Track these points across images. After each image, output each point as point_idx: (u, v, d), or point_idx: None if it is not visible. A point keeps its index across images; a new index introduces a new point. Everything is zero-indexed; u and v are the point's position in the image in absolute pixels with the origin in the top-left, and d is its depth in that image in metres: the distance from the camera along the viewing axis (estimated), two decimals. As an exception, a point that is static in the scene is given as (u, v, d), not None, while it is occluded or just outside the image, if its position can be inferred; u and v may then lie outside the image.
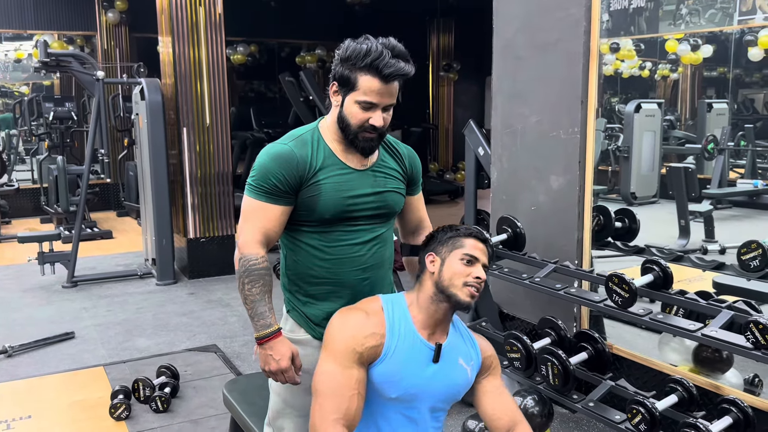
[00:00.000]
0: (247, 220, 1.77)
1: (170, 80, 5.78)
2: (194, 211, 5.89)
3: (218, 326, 4.72)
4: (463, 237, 1.78)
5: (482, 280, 1.75)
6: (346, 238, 1.80)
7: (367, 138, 1.75)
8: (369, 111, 1.71)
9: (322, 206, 1.75)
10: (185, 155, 5.78)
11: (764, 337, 2.04)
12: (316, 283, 1.82)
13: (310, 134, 1.81)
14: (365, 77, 1.69)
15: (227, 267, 6.08)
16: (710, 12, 8.23)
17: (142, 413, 3.31)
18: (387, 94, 1.71)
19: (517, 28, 3.41)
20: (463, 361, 1.83)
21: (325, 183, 1.76)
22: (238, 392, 2.69)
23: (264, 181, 1.73)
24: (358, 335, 1.71)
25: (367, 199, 1.81)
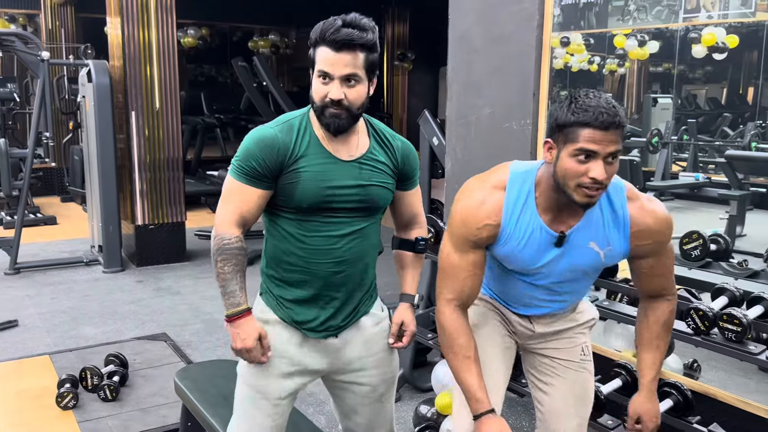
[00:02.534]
0: (225, 200, 1.77)
1: (119, 62, 5.64)
2: (143, 197, 5.78)
3: (168, 314, 4.65)
4: (579, 127, 1.50)
5: (601, 180, 1.51)
6: (323, 229, 1.77)
7: (332, 114, 1.68)
8: (328, 84, 1.67)
9: (300, 194, 1.73)
10: (134, 140, 5.65)
11: (704, 324, 2.13)
12: (289, 270, 1.81)
13: (298, 120, 1.78)
14: (319, 49, 1.67)
15: (177, 254, 5.99)
16: (657, 9, 8.45)
17: (89, 402, 3.25)
18: (341, 64, 1.65)
19: (472, 20, 3.45)
20: (596, 245, 1.69)
21: (304, 171, 1.73)
22: (190, 380, 2.67)
23: (245, 162, 1.72)
24: (471, 225, 1.68)
25: (349, 191, 1.76)
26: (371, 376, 1.94)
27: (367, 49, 1.68)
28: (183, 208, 5.97)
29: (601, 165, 1.50)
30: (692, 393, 2.28)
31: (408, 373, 3.46)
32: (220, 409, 2.40)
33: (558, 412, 1.96)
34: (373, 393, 1.96)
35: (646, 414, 1.83)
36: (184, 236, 6.09)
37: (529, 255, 1.70)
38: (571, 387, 1.96)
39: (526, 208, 1.67)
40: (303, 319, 1.82)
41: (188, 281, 5.46)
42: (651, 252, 1.71)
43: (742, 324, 2.03)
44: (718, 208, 6.32)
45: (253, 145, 1.73)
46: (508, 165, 1.74)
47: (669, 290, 1.80)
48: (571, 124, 1.51)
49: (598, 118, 1.48)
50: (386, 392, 2.00)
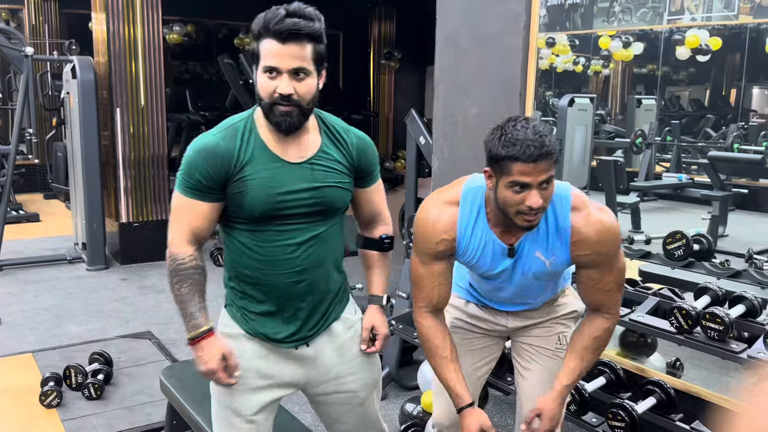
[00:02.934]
0: (175, 218, 1.67)
1: (103, 59, 5.60)
2: (127, 194, 5.74)
3: (152, 312, 4.63)
4: (510, 161, 1.57)
5: (537, 207, 1.59)
6: (278, 238, 1.67)
7: (282, 112, 1.58)
8: (275, 79, 1.57)
9: (249, 204, 1.63)
10: (118, 137, 5.61)
11: (687, 322, 2.16)
12: (248, 283, 1.72)
13: (243, 123, 1.66)
14: (263, 42, 1.57)
15: (161, 252, 5.88)
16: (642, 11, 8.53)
17: (74, 400, 3.23)
18: (288, 56, 1.55)
19: (459, 20, 3.46)
20: (542, 255, 1.75)
21: (252, 178, 1.62)
22: (176, 379, 2.66)
23: (189, 176, 1.62)
24: (429, 240, 1.78)
25: (301, 195, 1.66)
26: (350, 383, 1.85)
27: (315, 40, 1.59)
28: (167, 205, 5.93)
29: (536, 193, 1.58)
30: (675, 391, 2.31)
31: (394, 371, 3.47)
32: (206, 407, 2.38)
33: (530, 395, 2.04)
34: (354, 399, 1.87)
35: (548, 413, 1.86)
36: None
37: (487, 264, 1.80)
38: (544, 373, 2.03)
39: (478, 223, 1.76)
40: (269, 332, 1.73)
41: (173, 279, 5.43)
42: (592, 263, 1.74)
43: (725, 323, 2.06)
44: (701, 209, 6.39)
45: (195, 155, 1.62)
46: (463, 181, 1.82)
47: (608, 307, 1.81)
48: (503, 158, 1.58)
49: (525, 152, 1.55)
50: (368, 397, 1.90)
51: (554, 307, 2.02)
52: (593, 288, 1.78)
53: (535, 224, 1.66)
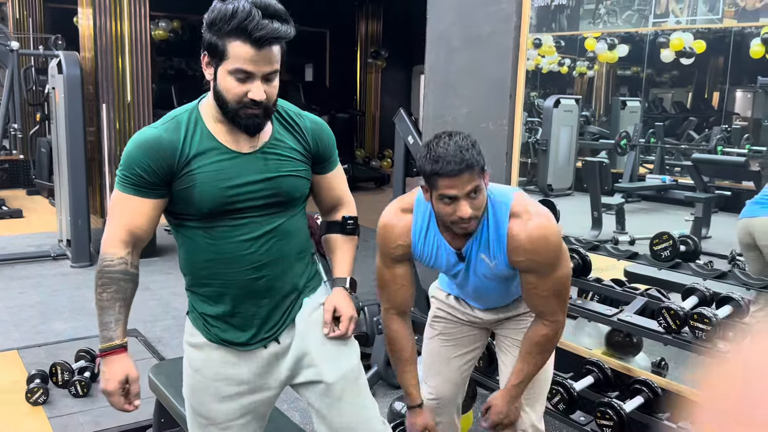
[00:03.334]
0: (112, 216, 1.57)
1: (90, 54, 5.55)
2: (113, 191, 5.69)
3: (138, 310, 4.59)
4: (436, 177, 1.65)
5: (468, 216, 1.66)
6: (232, 233, 1.56)
7: (249, 114, 1.50)
8: (246, 83, 1.47)
9: (198, 199, 1.52)
10: (104, 132, 5.57)
11: (675, 322, 2.19)
12: (205, 283, 1.61)
13: (187, 115, 1.56)
14: (235, 43, 1.44)
15: (147, 249, 5.88)
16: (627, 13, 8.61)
17: (60, 398, 3.21)
18: (263, 61, 1.46)
19: (451, 20, 3.47)
20: (486, 257, 1.81)
21: (199, 172, 1.52)
22: (165, 376, 2.66)
23: (129, 171, 1.51)
24: (387, 245, 1.88)
25: (255, 187, 1.56)
26: (323, 373, 1.69)
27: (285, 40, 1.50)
28: (154, 202, 5.89)
29: (464, 204, 1.66)
30: (662, 390, 2.35)
31: (382, 370, 3.48)
32: (196, 405, 2.40)
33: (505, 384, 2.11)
34: (331, 392, 1.69)
35: (495, 408, 1.95)
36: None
37: (443, 266, 1.91)
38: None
39: (430, 228, 1.85)
40: (231, 338, 1.63)
41: (158, 276, 5.41)
42: (529, 269, 1.78)
43: (712, 323, 2.09)
44: (684, 210, 6.46)
45: (135, 149, 1.52)
46: (418, 188, 1.86)
47: (547, 315, 1.84)
48: (429, 175, 1.67)
49: (445, 168, 1.63)
50: (347, 390, 1.71)
51: (523, 304, 2.06)
52: (531, 292, 1.83)
53: (471, 230, 1.75)
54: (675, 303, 2.24)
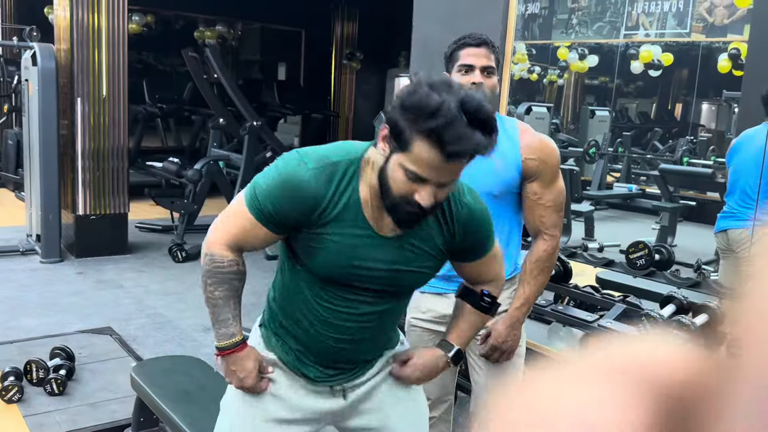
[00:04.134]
0: (227, 222, 1.49)
1: (65, 46, 5.47)
2: (85, 186, 5.62)
3: (111, 308, 4.55)
4: (459, 49, 1.91)
5: (479, 83, 1.83)
6: (338, 302, 1.47)
7: (410, 212, 1.35)
8: (417, 183, 1.31)
9: (318, 263, 1.44)
10: (78, 127, 5.49)
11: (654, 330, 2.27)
12: (290, 323, 1.54)
13: (344, 167, 1.41)
14: (422, 144, 1.27)
15: (119, 246, 5.85)
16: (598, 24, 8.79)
17: (35, 396, 3.16)
18: (446, 172, 1.31)
19: (436, 27, 3.52)
20: (494, 158, 1.66)
21: (331, 241, 1.41)
22: (147, 375, 2.64)
23: (263, 200, 1.41)
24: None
25: (377, 273, 1.45)
26: (386, 419, 1.60)
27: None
28: (127, 198, 5.83)
29: (479, 75, 1.84)
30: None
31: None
32: (181, 404, 2.40)
33: (484, 386, 2.12)
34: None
35: (495, 332, 1.97)
36: (126, 228, 5.95)
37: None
38: (499, 370, 2.09)
39: None
40: (307, 372, 1.55)
41: (131, 274, 5.35)
42: (536, 173, 1.91)
43: (691, 331, 2.17)
44: (649, 219, 6.62)
45: (278, 185, 1.40)
46: None
47: (548, 228, 1.96)
48: (454, 50, 1.92)
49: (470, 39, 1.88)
50: None
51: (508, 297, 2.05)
52: (535, 204, 1.93)
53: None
54: (654, 311, 2.31)
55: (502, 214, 1.97)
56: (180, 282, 5.23)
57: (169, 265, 5.67)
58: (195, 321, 4.38)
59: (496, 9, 3.19)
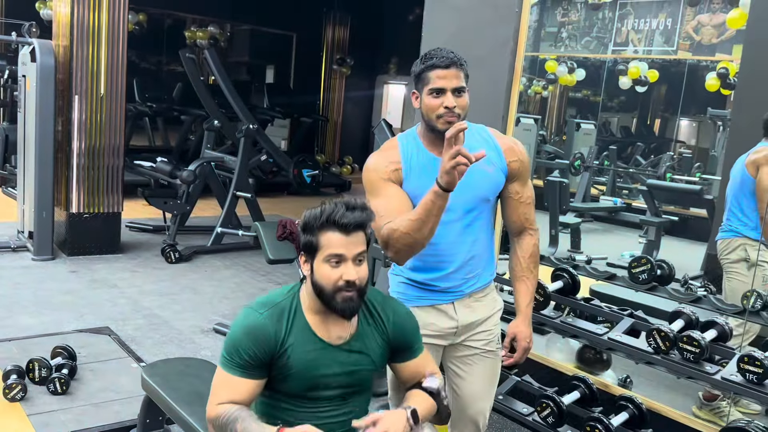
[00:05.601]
0: (217, 393, 1.72)
1: (64, 43, 5.43)
2: (79, 184, 5.58)
3: (107, 307, 4.53)
4: (428, 70, 1.91)
5: (452, 107, 1.88)
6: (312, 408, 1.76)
7: (345, 297, 1.66)
8: (339, 266, 1.66)
9: (288, 385, 1.73)
10: (74, 124, 5.46)
11: (665, 344, 2.33)
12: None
13: (288, 302, 1.75)
14: (326, 235, 1.65)
15: (111, 245, 5.82)
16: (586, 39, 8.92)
17: (38, 395, 3.14)
18: (352, 244, 1.66)
19: (446, 39, 3.57)
20: (484, 164, 1.94)
21: (293, 363, 1.70)
22: (160, 377, 2.65)
23: (235, 354, 1.69)
24: (380, 168, 1.99)
25: (335, 379, 1.75)
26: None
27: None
28: (121, 197, 5.80)
29: (451, 97, 1.88)
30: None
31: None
32: (196, 407, 2.40)
33: (477, 394, 2.17)
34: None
35: (521, 334, 2.10)
36: (119, 227, 5.92)
37: (431, 183, 1.89)
38: (487, 372, 2.17)
39: (416, 147, 2.01)
40: None
41: (124, 274, 5.32)
42: (517, 173, 2.05)
43: (701, 346, 2.24)
44: (633, 232, 6.72)
45: (242, 336, 1.69)
46: (395, 136, 2.11)
47: (532, 223, 2.11)
48: (422, 71, 1.92)
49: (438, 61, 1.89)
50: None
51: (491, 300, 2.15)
52: (517, 202, 2.08)
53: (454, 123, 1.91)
54: (665, 325, 2.38)
55: (489, 220, 2.10)
56: (174, 283, 5.21)
57: (162, 265, 5.65)
58: (192, 323, 4.38)
59: (508, 24, 3.25)
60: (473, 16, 3.48)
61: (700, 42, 7.07)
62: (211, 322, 4.37)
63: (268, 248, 3.98)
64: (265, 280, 5.46)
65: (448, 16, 3.58)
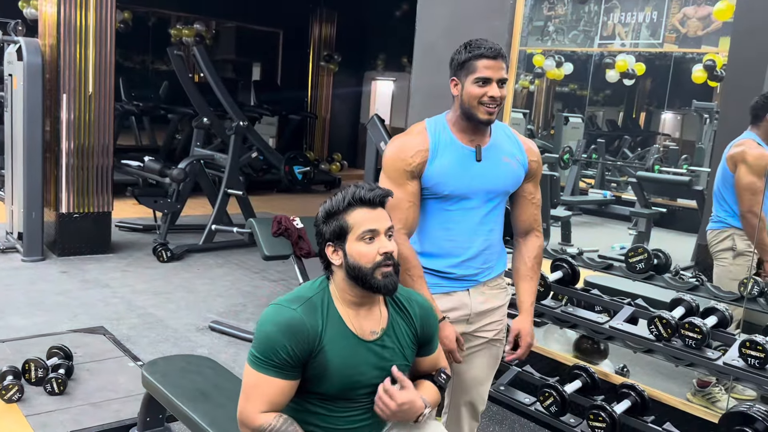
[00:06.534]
0: (251, 396, 1.64)
1: (51, 41, 5.37)
2: (69, 183, 5.52)
3: (100, 307, 4.49)
4: (475, 59, 1.94)
5: (497, 98, 1.93)
6: (343, 412, 1.71)
7: (385, 273, 1.64)
8: (373, 242, 1.65)
9: (327, 385, 1.66)
10: (63, 123, 5.40)
11: (666, 331, 2.35)
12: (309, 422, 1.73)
13: (319, 297, 1.69)
14: (353, 214, 1.65)
15: (102, 245, 5.77)
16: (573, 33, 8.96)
17: (35, 396, 3.11)
18: (382, 218, 1.67)
19: (440, 32, 3.58)
20: (508, 158, 2.05)
21: (332, 359, 1.64)
22: (161, 374, 2.63)
23: (271, 353, 1.60)
24: (405, 154, 2.01)
25: (371, 378, 1.70)
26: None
27: None
28: (111, 197, 5.75)
29: (496, 87, 1.93)
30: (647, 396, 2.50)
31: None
32: (200, 404, 2.39)
33: (478, 379, 2.22)
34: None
35: (524, 331, 2.13)
36: (110, 227, 5.87)
37: (455, 171, 2.01)
38: (491, 361, 2.23)
39: (444, 133, 2.04)
40: None
41: (116, 274, 5.28)
42: (534, 174, 2.11)
43: (702, 332, 2.26)
44: (621, 224, 6.77)
45: (277, 332, 1.60)
46: (423, 120, 2.12)
47: (539, 224, 2.16)
48: (469, 59, 1.94)
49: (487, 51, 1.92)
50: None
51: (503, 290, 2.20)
52: (529, 202, 2.13)
53: (493, 117, 1.97)
54: (667, 312, 2.40)
55: (503, 213, 2.15)
56: (167, 282, 5.18)
57: (154, 264, 5.62)
58: (187, 321, 4.36)
59: (503, 15, 3.25)
60: (467, 9, 3.48)
61: (686, 34, 7.12)
62: (206, 320, 4.35)
63: (264, 245, 3.96)
64: (258, 277, 5.44)
65: (442, 9, 3.58)
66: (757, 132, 2.98)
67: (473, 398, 2.23)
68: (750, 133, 3.00)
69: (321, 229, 1.69)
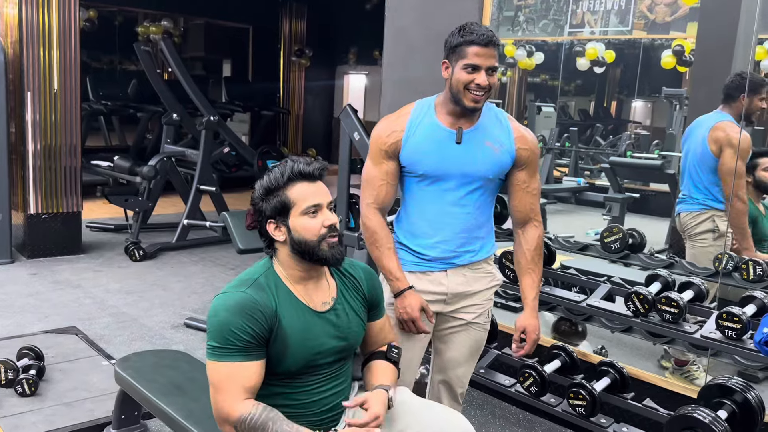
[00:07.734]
0: (223, 390, 1.59)
1: (13, 41, 5.24)
2: (36, 184, 5.40)
3: (72, 308, 4.40)
4: (466, 45, 1.92)
5: (484, 86, 1.91)
6: (307, 386, 1.71)
7: (331, 243, 1.67)
8: (317, 215, 1.66)
9: (289, 362, 1.65)
10: (28, 123, 5.28)
11: (643, 306, 2.35)
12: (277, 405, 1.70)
13: (264, 277, 1.69)
14: (294, 189, 1.65)
15: (72, 246, 5.66)
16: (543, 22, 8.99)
17: (5, 398, 3.03)
18: (322, 192, 1.69)
19: (411, 17, 3.55)
20: (491, 143, 2.02)
21: (290, 335, 1.64)
22: (134, 370, 2.58)
23: (232, 338, 1.57)
24: (383, 136, 2.05)
25: (331, 347, 1.72)
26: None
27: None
28: (80, 197, 5.64)
29: (484, 75, 1.92)
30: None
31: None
32: (175, 398, 2.34)
33: (456, 360, 2.21)
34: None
35: (530, 326, 2.13)
36: (80, 227, 5.76)
37: (431, 150, 2.01)
38: (470, 342, 2.21)
39: (427, 115, 2.04)
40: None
41: (88, 274, 5.18)
42: (526, 162, 2.06)
43: (679, 306, 2.26)
44: (595, 211, 6.82)
45: (231, 316, 1.58)
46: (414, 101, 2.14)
47: (537, 213, 2.14)
48: (460, 44, 1.92)
49: (478, 38, 1.90)
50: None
51: (488, 274, 2.16)
52: (524, 191, 2.09)
53: (479, 105, 1.96)
54: (643, 288, 2.39)
55: (488, 199, 2.11)
56: (140, 280, 5.09)
57: (126, 264, 5.52)
58: (161, 318, 4.29)
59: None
60: (436, -7, 3.45)
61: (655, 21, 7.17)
62: (181, 318, 4.28)
63: (238, 238, 3.91)
64: (233, 273, 5.38)
65: (411, -6, 3.55)
66: (730, 111, 2.98)
67: (450, 378, 2.22)
68: (724, 114, 2.99)
69: (260, 206, 1.68)
